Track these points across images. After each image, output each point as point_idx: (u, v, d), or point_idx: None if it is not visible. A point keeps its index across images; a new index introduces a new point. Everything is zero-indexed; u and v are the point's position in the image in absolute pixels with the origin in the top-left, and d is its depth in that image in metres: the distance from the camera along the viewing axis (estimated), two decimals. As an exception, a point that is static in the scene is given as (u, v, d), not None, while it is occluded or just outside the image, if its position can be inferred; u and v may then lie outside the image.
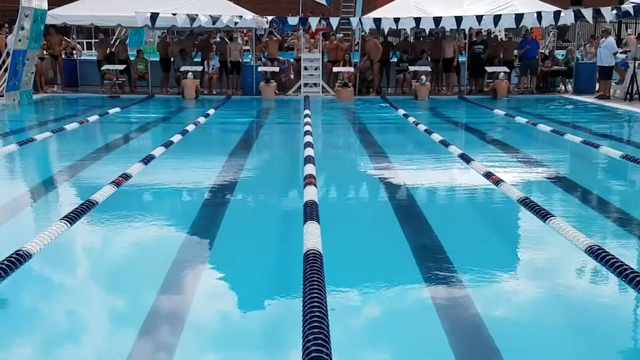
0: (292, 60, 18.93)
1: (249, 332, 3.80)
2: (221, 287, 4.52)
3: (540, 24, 17.43)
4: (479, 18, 16.81)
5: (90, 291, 4.46)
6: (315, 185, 5.79)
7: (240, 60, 18.31)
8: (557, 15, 16.65)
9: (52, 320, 3.99)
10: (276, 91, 17.39)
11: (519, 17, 16.82)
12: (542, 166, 8.67)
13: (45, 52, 17.95)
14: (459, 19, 16.72)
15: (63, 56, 19.21)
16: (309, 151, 7.82)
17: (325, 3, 23.64)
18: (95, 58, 19.80)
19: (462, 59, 18.63)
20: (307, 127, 10.19)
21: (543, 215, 4.91)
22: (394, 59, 18.86)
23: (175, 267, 4.72)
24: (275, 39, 18.98)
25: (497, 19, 16.88)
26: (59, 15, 17.72)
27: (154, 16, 16.61)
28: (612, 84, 16.97)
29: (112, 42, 21.56)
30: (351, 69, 17.72)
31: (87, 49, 27.19)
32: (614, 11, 16.36)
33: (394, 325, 3.92)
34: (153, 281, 4.39)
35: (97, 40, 21.06)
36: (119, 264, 4.97)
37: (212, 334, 3.81)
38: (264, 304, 4.15)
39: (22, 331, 3.77)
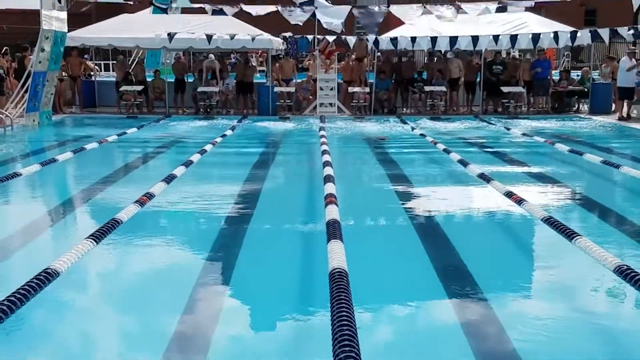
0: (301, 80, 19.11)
1: (274, 352, 3.78)
2: (244, 307, 4.52)
3: (557, 44, 17.42)
4: (496, 38, 16.80)
5: (111, 311, 4.46)
6: (336, 204, 5.78)
7: (253, 81, 18.53)
8: (573, 35, 16.62)
9: (69, 340, 3.99)
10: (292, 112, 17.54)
11: (535, 37, 16.83)
12: (561, 186, 8.61)
13: (64, 74, 18.17)
14: (475, 39, 16.70)
15: (82, 78, 19.45)
16: (328, 170, 7.84)
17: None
18: (112, 79, 20.02)
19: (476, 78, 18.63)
20: (324, 147, 10.22)
21: (569, 234, 4.86)
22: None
23: (198, 286, 4.74)
24: (291, 60, 19.11)
25: (514, 39, 16.86)
26: (78, 37, 17.94)
27: (171, 35, 16.82)
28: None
29: (129, 63, 21.82)
30: (367, 89, 17.81)
31: (104, 70, 27.51)
32: (631, 31, 16.31)
33: (420, 345, 3.89)
34: (176, 301, 4.39)
35: (114, 61, 21.30)
36: (139, 284, 4.99)
37: (237, 356, 3.80)
38: (288, 324, 4.14)
39: (39, 351, 3.77)
